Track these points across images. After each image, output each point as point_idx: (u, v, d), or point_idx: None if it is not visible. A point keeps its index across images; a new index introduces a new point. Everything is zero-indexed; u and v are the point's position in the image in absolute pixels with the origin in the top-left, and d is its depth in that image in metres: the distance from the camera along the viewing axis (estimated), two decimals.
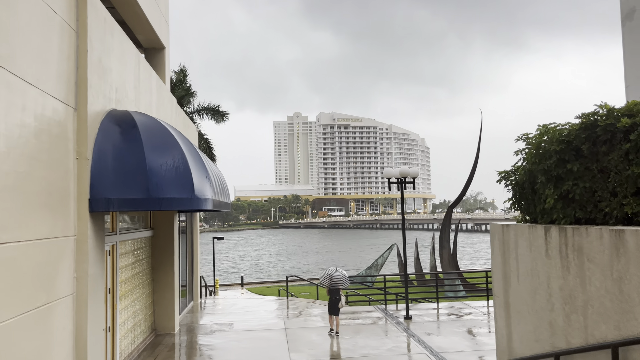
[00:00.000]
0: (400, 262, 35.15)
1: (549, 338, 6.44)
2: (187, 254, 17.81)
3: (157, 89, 12.10)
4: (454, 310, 15.75)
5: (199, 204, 8.13)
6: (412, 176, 14.69)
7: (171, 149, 8.21)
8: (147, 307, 13.10)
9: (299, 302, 18.43)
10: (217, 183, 10.61)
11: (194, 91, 31.38)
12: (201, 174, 8.57)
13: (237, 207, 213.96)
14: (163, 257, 13.80)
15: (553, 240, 6.25)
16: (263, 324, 14.65)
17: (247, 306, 18.22)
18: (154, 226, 13.82)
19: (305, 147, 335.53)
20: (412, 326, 13.68)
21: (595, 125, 5.61)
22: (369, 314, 15.80)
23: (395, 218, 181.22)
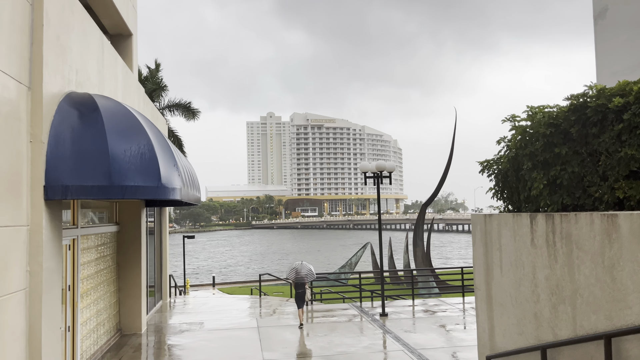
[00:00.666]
0: (374, 261, 35.06)
1: (534, 331, 6.18)
2: (155, 252, 17.14)
3: (123, 76, 11.48)
4: (430, 307, 15.55)
5: (166, 194, 7.61)
6: (388, 170, 14.41)
7: (136, 134, 7.67)
8: (111, 306, 12.45)
9: (272, 301, 17.96)
10: (187, 174, 10.10)
11: (165, 85, 30.54)
12: (169, 162, 8.06)
13: (209, 208, 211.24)
14: (129, 254, 13.16)
15: (539, 228, 5.99)
16: (235, 323, 14.14)
17: (218, 305, 17.65)
18: (120, 221, 13.17)
19: (279, 147, 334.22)
20: (388, 323, 13.39)
21: (585, 106, 5.36)
22: (344, 311, 15.45)
23: (368, 218, 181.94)
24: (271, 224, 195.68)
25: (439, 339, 11.65)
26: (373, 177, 14.51)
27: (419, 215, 30.84)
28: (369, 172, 14.49)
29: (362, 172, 14.46)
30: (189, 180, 10.23)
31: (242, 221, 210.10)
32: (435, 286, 24.15)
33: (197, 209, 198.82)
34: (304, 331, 13.04)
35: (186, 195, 9.29)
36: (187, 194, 9.51)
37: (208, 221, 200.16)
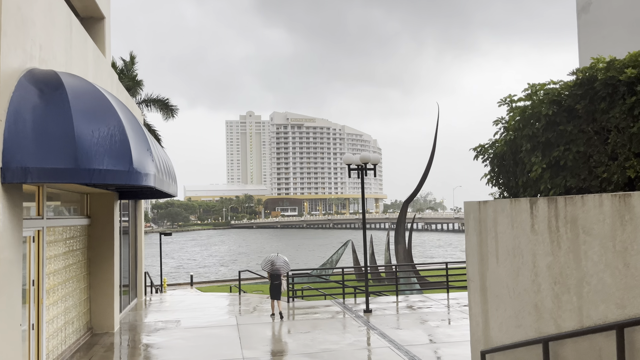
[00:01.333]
0: (355, 258, 34.71)
1: (534, 323, 5.80)
2: (130, 248, 16.43)
3: (94, 60, 10.82)
4: (414, 303, 15.20)
5: (138, 179, 7.04)
6: (372, 162, 14.00)
7: (106, 114, 7.08)
8: (82, 303, 11.75)
9: (252, 298, 17.40)
10: (162, 162, 9.52)
11: (140, 80, 29.63)
12: (142, 146, 7.49)
13: (187, 207, 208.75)
14: (102, 249, 12.47)
15: (540, 213, 5.61)
16: (213, 321, 13.56)
17: (195, 303, 17.02)
18: (92, 214, 12.47)
19: (258, 146, 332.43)
20: (372, 320, 12.97)
21: (593, 79, 4.99)
22: (327, 308, 14.99)
23: (348, 218, 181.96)
24: (250, 224, 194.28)
25: (426, 335, 11.27)
26: (357, 170, 14.08)
27: (401, 213, 30.59)
28: (353, 165, 14.06)
29: (346, 164, 14.02)
30: (164, 168, 9.66)
31: (221, 221, 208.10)
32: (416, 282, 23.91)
33: (175, 209, 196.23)
34: (286, 328, 12.55)
35: (161, 183, 8.71)
36: (162, 182, 8.93)
37: (186, 221, 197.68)
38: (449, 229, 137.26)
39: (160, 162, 9.18)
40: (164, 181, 9.30)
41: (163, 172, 9.34)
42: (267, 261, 14.07)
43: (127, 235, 16.10)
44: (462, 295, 16.32)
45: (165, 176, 9.74)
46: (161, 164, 9.24)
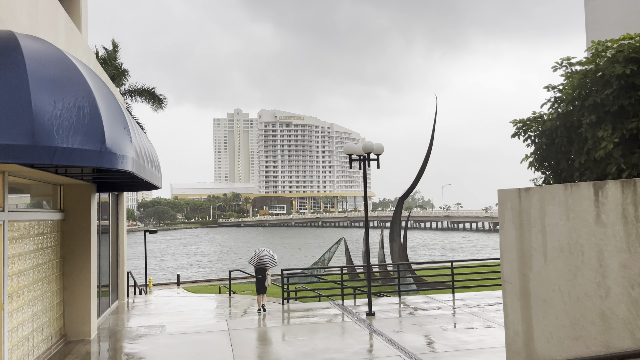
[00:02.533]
0: (347, 257, 33.57)
1: (601, 335, 4.73)
2: (110, 246, 15.15)
3: (66, 33, 9.56)
4: (419, 305, 14.13)
5: (112, 161, 5.85)
6: (376, 152, 12.88)
7: (73, 83, 5.88)
8: (53, 307, 10.49)
9: (243, 300, 16.20)
10: (144, 148, 8.32)
11: (125, 69, 28.18)
12: (117, 123, 6.30)
13: (174, 206, 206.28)
14: (77, 247, 11.21)
15: (610, 200, 4.53)
16: (201, 325, 12.36)
17: (182, 305, 15.79)
18: (66, 208, 11.20)
19: (246, 144, 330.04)
20: (376, 324, 11.87)
21: None
22: (326, 311, 13.86)
23: (337, 216, 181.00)
24: (238, 222, 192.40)
25: (438, 341, 10.19)
26: (359, 160, 12.96)
27: (396, 210, 29.54)
28: (354, 155, 12.93)
29: (347, 154, 12.88)
30: (146, 154, 8.46)
31: (208, 219, 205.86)
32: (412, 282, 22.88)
33: (161, 207, 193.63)
34: (281, 334, 11.40)
35: (142, 170, 7.51)
36: (143, 168, 7.73)
37: (173, 219, 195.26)
38: (437, 227, 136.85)
39: (141, 146, 7.99)
40: (145, 168, 8.09)
41: (145, 158, 8.14)
42: (254, 255, 14.29)
43: (108, 232, 14.83)
44: (468, 295, 15.30)
45: (148, 163, 8.54)
46: (142, 149, 8.05)
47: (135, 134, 7.59)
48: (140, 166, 7.20)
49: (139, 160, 7.27)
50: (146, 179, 8.26)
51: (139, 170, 7.20)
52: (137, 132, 8.19)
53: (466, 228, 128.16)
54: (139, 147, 7.51)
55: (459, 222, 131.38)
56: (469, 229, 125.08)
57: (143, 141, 8.62)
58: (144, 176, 7.91)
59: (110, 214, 15.23)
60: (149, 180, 8.73)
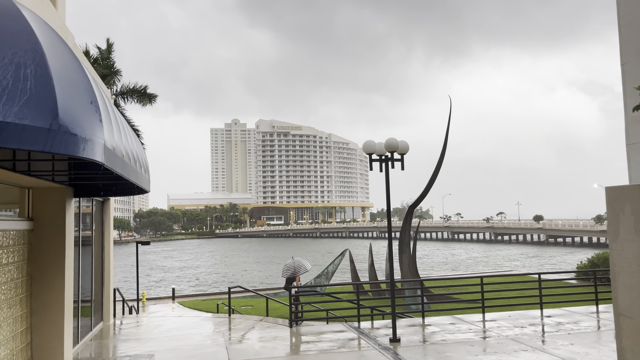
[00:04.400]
0: (352, 270, 31.74)
1: None
2: (94, 260, 13.31)
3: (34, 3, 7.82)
4: (448, 327, 12.29)
5: (69, 145, 4.09)
6: (400, 152, 11.12)
7: (14, 36, 4.13)
8: (17, 336, 8.63)
9: (246, 322, 14.32)
10: (127, 141, 6.57)
11: (118, 69, 26.52)
12: (80, 94, 4.55)
13: (171, 216, 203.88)
14: (48, 262, 9.38)
15: None
16: (198, 355, 10.50)
17: (176, 327, 13.91)
18: (35, 215, 9.39)
19: (244, 154, 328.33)
20: (405, 353, 10.02)
21: None
22: (340, 335, 12.01)
23: (336, 227, 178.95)
24: (236, 233, 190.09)
25: None
26: (380, 161, 11.20)
27: (406, 218, 27.66)
28: (375, 155, 11.17)
29: (367, 153, 11.12)
30: (129, 150, 6.70)
31: (205, 230, 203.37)
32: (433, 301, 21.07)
33: (157, 218, 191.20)
34: None
35: (120, 165, 5.74)
36: (123, 164, 5.97)
37: (170, 230, 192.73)
38: (437, 238, 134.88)
39: (122, 138, 6.24)
40: (127, 165, 6.32)
41: (126, 153, 6.38)
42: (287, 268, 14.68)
43: (91, 245, 13.00)
44: (501, 316, 13.49)
45: (131, 160, 6.77)
46: (123, 142, 6.30)
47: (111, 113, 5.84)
48: (115, 158, 5.42)
49: (115, 152, 5.49)
50: (128, 178, 6.47)
51: (115, 163, 5.42)
52: (119, 121, 6.44)
53: (467, 239, 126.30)
54: (116, 137, 5.75)
55: (459, 233, 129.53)
56: (469, 240, 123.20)
57: (127, 135, 6.85)
58: (124, 173, 6.13)
59: (94, 224, 13.41)
60: (133, 180, 6.95)
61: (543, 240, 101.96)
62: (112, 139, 5.38)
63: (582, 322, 12.41)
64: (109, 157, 5.04)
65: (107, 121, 5.19)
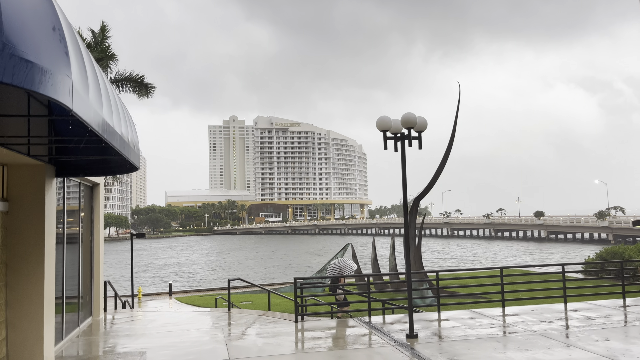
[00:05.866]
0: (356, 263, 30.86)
1: None
2: (82, 249, 12.27)
3: None
4: (468, 322, 11.28)
5: (20, 74, 3.08)
6: (418, 129, 10.08)
7: None
8: None
9: (247, 317, 13.29)
10: (107, 98, 5.54)
11: (113, 53, 25.37)
12: (38, 13, 3.53)
13: (169, 213, 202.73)
14: (26, 249, 8.34)
15: None
16: (194, 352, 9.47)
17: (171, 323, 12.90)
18: (11, 196, 8.35)
19: (242, 151, 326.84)
20: (425, 350, 9.01)
21: None
22: (350, 330, 11.00)
23: (334, 223, 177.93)
24: (234, 230, 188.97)
25: None
26: (395, 139, 10.17)
27: (411, 211, 26.66)
28: (389, 133, 10.14)
29: (380, 130, 10.09)
30: (114, 113, 5.69)
31: (203, 227, 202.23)
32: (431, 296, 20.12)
33: (155, 214, 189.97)
34: None
35: (100, 123, 4.72)
36: (103, 123, 4.95)
37: (167, 227, 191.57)
38: (437, 234, 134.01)
39: (103, 95, 5.22)
40: (109, 127, 5.30)
41: (109, 112, 5.36)
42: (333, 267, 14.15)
43: (79, 233, 11.95)
44: (523, 310, 12.48)
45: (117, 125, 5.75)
46: (105, 100, 5.28)
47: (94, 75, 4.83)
48: (89, 109, 4.38)
49: (90, 103, 4.46)
50: (110, 142, 5.43)
51: (89, 116, 4.39)
52: (101, 79, 5.41)
53: (467, 235, 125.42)
54: (93, 89, 4.72)
55: (459, 229, 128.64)
56: (469, 236, 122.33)
57: (110, 95, 5.82)
58: (107, 136, 5.11)
59: (83, 210, 12.37)
60: (118, 147, 5.92)
61: (544, 236, 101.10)
62: (86, 87, 4.35)
63: (613, 317, 11.42)
64: (79, 104, 4.00)
65: (77, 61, 4.16)
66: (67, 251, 10.82)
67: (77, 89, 3.93)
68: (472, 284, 18.30)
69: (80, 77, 4.13)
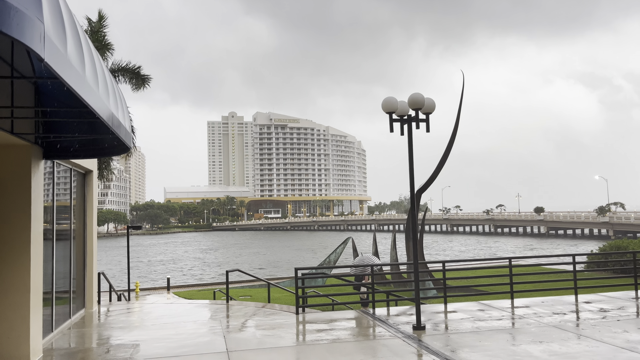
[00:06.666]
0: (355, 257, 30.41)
1: None
2: (75, 238, 11.78)
3: None
4: (477, 315, 10.81)
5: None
6: (425, 111, 9.58)
7: None
8: None
9: (246, 309, 12.82)
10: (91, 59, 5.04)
11: (109, 42, 24.80)
12: None
13: (168, 209, 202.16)
14: (10, 235, 7.85)
15: None
16: (190, 345, 8.99)
17: (167, 315, 12.42)
18: None
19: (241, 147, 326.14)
20: (436, 343, 8.54)
21: None
22: (354, 322, 10.52)
23: (333, 219, 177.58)
24: (233, 226, 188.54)
25: None
26: (401, 122, 9.67)
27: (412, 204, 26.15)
28: (395, 115, 9.65)
29: (386, 112, 9.60)
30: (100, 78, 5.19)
31: (202, 223, 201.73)
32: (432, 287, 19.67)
33: (154, 210, 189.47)
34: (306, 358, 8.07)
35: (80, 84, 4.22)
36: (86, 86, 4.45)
37: (166, 223, 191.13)
38: (437, 231, 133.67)
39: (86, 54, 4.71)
40: (92, 89, 4.79)
41: (92, 73, 4.86)
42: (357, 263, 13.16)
43: (70, 222, 11.45)
44: (533, 301, 12.02)
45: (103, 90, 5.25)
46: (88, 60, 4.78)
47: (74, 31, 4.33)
48: (66, 63, 3.88)
49: (69, 58, 3.96)
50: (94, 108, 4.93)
51: (67, 71, 3.88)
52: (86, 42, 4.91)
53: (466, 231, 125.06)
54: (72, 44, 4.21)
55: (459, 225, 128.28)
56: (469, 232, 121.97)
57: (95, 59, 5.31)
58: (90, 100, 4.60)
59: (75, 199, 11.87)
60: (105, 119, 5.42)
61: (544, 232, 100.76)
62: (63, 39, 3.84)
63: (628, 308, 10.96)
64: (54, 55, 3.50)
65: (52, 6, 3.66)
66: (58, 241, 10.33)
67: (50, 37, 3.43)
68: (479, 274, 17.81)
69: (55, 25, 3.63)
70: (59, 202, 10.57)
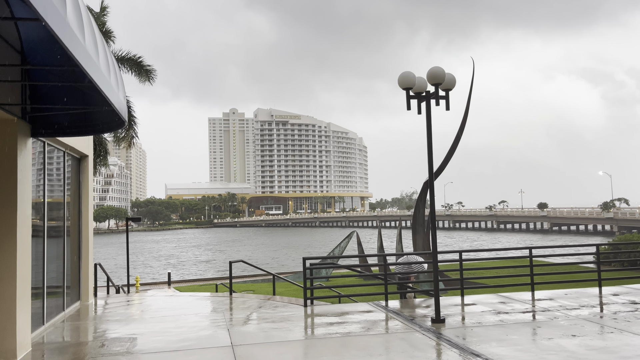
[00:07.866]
0: (360, 252, 29.80)
1: None
2: (70, 228, 11.10)
3: None
4: (498, 307, 10.12)
5: None
6: (445, 87, 8.87)
7: None
8: None
9: (250, 301, 12.14)
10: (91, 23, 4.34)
11: (110, 30, 24.08)
12: None
13: (169, 206, 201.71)
14: None
15: None
16: (191, 338, 8.32)
17: (168, 307, 11.75)
18: None
19: (242, 144, 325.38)
20: (457, 337, 7.86)
21: None
22: (367, 315, 9.85)
23: (335, 216, 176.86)
24: (234, 223, 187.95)
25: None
26: (418, 98, 8.97)
27: (420, 196, 25.48)
28: (412, 91, 8.94)
29: (403, 88, 8.89)
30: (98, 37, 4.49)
31: (203, 219, 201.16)
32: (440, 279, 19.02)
33: (155, 207, 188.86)
34: (316, 354, 7.39)
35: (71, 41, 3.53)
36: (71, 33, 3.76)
37: (167, 219, 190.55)
38: (439, 227, 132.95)
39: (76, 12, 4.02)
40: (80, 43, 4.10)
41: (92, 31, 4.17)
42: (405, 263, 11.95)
43: (63, 209, 10.77)
44: (556, 294, 11.32)
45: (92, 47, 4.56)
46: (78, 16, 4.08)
47: None
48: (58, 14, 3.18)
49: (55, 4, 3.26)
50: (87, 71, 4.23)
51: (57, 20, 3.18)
52: None
53: (469, 227, 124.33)
54: None
55: (461, 221, 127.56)
56: (472, 229, 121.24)
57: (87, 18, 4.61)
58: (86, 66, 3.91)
59: (70, 185, 11.19)
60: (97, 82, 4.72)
61: (547, 228, 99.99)
62: None
63: None
64: None
65: None
66: (50, 228, 9.65)
67: None
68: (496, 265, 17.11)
69: None
70: (52, 188, 9.90)
